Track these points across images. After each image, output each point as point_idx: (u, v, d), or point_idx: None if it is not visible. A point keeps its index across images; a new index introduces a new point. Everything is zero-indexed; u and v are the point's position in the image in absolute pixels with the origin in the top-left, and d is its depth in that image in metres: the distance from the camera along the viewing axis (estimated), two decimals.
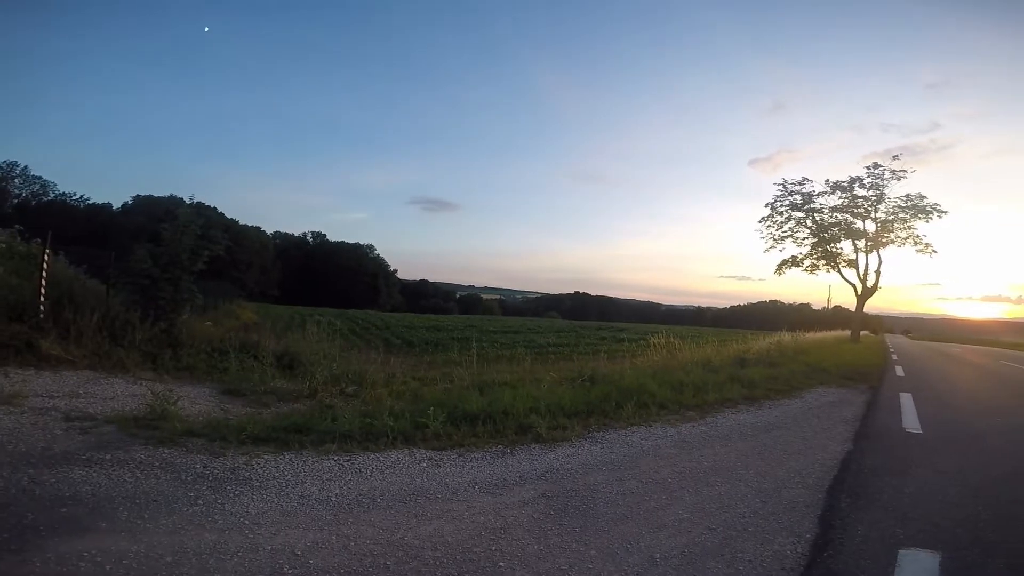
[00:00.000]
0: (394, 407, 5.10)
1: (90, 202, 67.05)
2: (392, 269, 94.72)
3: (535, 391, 6.15)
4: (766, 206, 29.50)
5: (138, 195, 69.97)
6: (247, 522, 2.87)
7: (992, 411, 7.91)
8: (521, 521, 3.08)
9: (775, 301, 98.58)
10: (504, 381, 6.84)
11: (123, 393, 5.49)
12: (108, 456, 3.62)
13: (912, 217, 26.62)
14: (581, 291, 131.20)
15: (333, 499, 3.27)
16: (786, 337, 16.84)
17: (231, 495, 3.20)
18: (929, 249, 26.91)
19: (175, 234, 7.75)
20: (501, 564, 2.57)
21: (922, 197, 26.17)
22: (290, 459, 3.88)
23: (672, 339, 11.51)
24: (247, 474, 3.55)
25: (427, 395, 5.75)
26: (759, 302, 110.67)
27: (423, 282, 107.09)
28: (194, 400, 5.54)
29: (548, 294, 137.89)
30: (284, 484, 3.43)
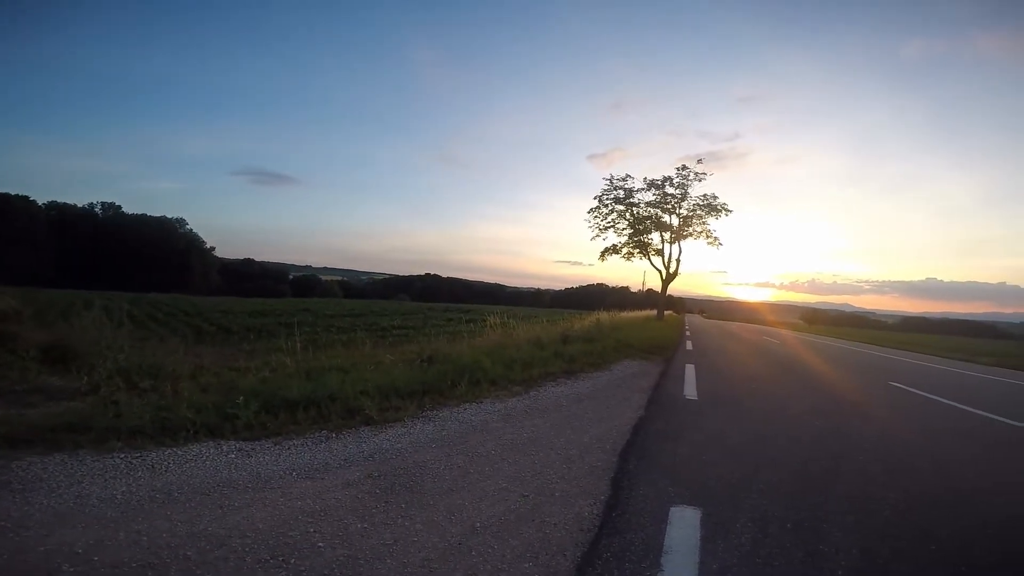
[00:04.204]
0: (197, 399, 4.57)
1: None
2: (209, 246, 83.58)
3: (368, 374, 6.01)
4: (595, 198, 32.34)
5: None
6: (10, 526, 2.48)
7: (751, 378, 9.66)
8: (344, 502, 3.05)
9: (601, 284, 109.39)
10: (336, 366, 6.55)
11: None
12: None
13: (707, 214, 31.35)
14: (433, 273, 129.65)
15: (119, 497, 2.90)
16: (604, 316, 18.89)
17: None
18: (717, 242, 31.96)
19: None
20: (320, 544, 2.53)
21: (715, 197, 30.88)
22: (62, 459, 3.32)
23: (508, 319, 12.23)
24: (4, 478, 3.00)
25: (243, 385, 5.26)
26: (588, 285, 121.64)
27: (248, 261, 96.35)
28: None
29: (398, 276, 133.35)
30: (55, 486, 2.96)
